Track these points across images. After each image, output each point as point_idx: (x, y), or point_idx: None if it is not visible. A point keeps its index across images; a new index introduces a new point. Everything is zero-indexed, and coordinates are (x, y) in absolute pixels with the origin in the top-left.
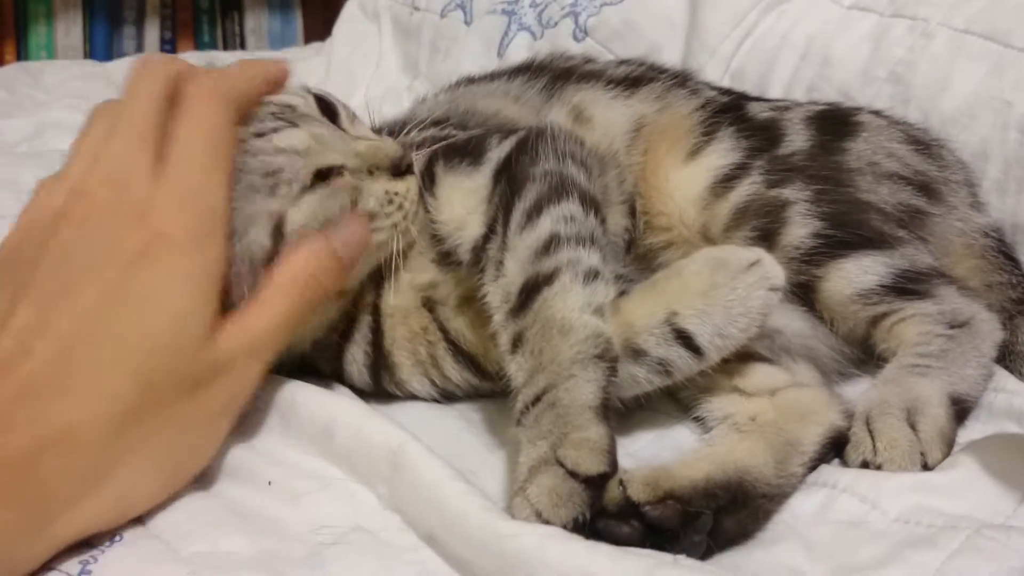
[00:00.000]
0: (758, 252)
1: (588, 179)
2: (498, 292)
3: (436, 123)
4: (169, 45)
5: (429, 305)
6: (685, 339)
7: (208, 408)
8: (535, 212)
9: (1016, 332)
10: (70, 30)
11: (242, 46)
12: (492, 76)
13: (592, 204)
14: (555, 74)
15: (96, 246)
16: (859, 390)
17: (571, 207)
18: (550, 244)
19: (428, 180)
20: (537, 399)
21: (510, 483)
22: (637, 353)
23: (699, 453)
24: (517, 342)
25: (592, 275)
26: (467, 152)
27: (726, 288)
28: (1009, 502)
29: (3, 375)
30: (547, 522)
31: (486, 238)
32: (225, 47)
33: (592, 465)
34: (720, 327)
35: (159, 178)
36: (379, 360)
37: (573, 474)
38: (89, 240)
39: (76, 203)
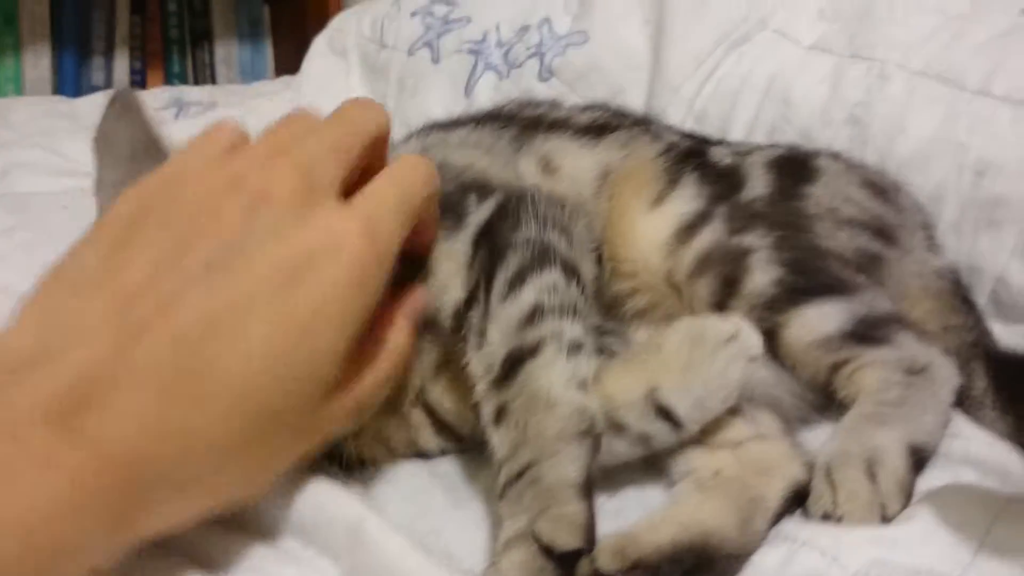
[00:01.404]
0: (736, 324)
1: (568, 245)
2: (481, 362)
3: None
4: (139, 75)
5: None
6: (666, 413)
7: (292, 452)
8: (518, 281)
9: (972, 376)
10: (38, 62)
11: (212, 76)
12: (460, 123)
13: (573, 272)
14: (523, 124)
15: (270, 230)
16: (821, 436)
17: (554, 276)
18: (533, 315)
19: None
20: (520, 474)
21: (478, 541)
22: (618, 427)
23: (664, 515)
24: (500, 414)
25: (576, 347)
26: (444, 214)
27: (705, 363)
28: (965, 553)
29: (128, 348)
30: None
31: (468, 304)
32: (195, 77)
33: (566, 540)
34: (700, 400)
35: (346, 205)
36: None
37: (547, 550)
38: (265, 222)
39: (259, 181)
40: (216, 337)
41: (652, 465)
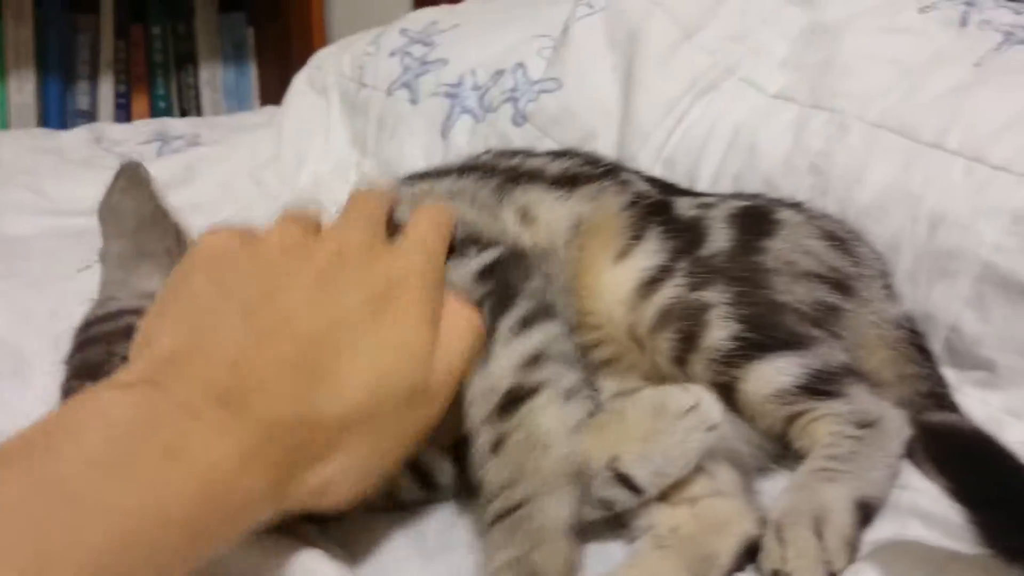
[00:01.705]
0: (696, 395)
1: (561, 307)
2: (482, 387)
3: None
4: (124, 99)
5: None
6: (626, 481)
7: (411, 428)
8: (528, 324)
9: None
10: (23, 87)
11: (197, 99)
12: (441, 173)
13: (568, 329)
14: (504, 175)
15: (350, 279)
16: (779, 484)
17: (557, 328)
18: (538, 358)
19: None
20: (513, 509)
21: None
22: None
23: (622, 574)
24: (498, 445)
25: (572, 394)
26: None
27: (665, 434)
28: None
29: (266, 345)
30: None
31: None
32: (180, 101)
33: None
34: (659, 468)
35: (401, 244)
36: None
37: None
38: (344, 273)
39: (326, 247)
40: (335, 335)
41: (614, 520)
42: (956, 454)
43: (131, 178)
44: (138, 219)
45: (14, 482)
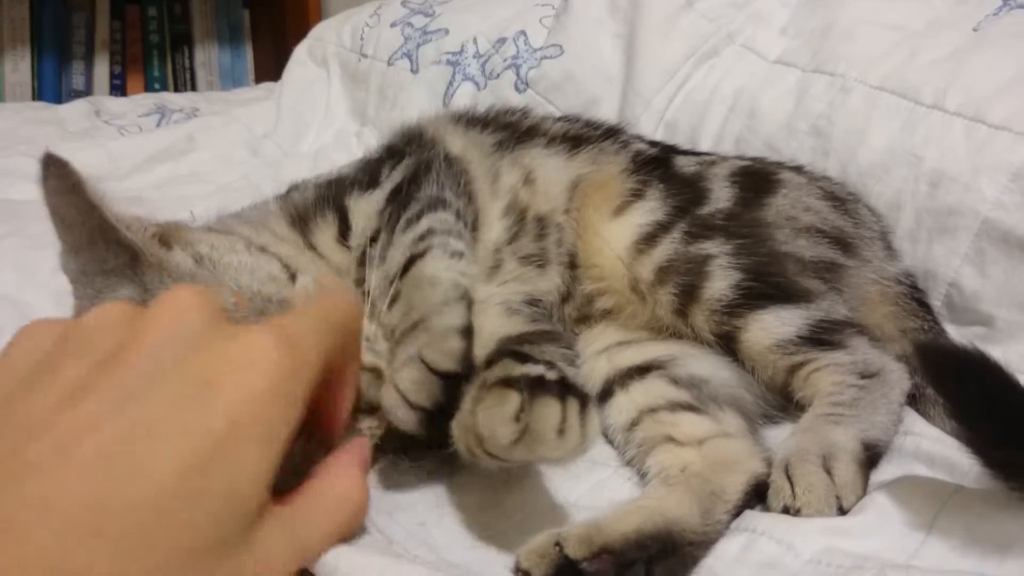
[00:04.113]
0: None
1: (465, 205)
2: (380, 276)
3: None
4: (119, 80)
5: None
6: None
7: None
8: (416, 217)
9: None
10: (18, 65)
11: (192, 80)
12: (445, 118)
13: (463, 220)
14: (507, 131)
15: (186, 345)
16: (782, 434)
17: (447, 216)
18: (426, 234)
19: (341, 213)
20: (411, 328)
21: (457, 533)
22: None
23: (630, 506)
24: (394, 300)
25: (458, 255)
26: (367, 179)
27: None
28: (912, 542)
29: (26, 478)
30: (411, 404)
31: (372, 241)
32: (175, 82)
33: (448, 365)
34: None
35: (262, 325)
36: None
37: (433, 370)
38: (179, 343)
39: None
40: (120, 464)
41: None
42: (952, 372)
43: (62, 177)
44: (89, 233)
45: None
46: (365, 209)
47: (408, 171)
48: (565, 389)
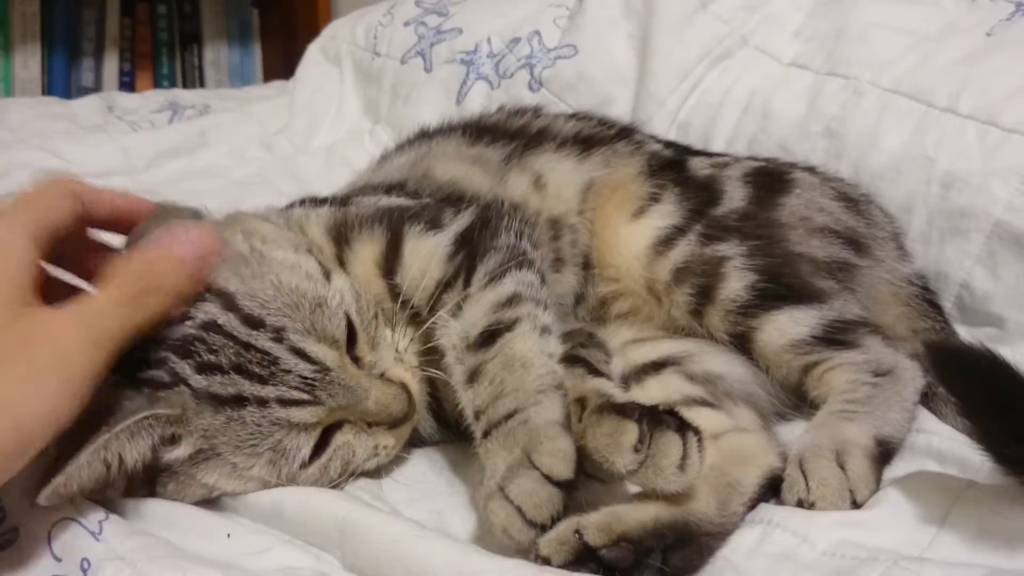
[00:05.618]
0: None
1: (539, 257)
2: (455, 331)
3: (390, 189)
4: (128, 77)
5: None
6: None
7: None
8: (499, 275)
9: None
10: (28, 62)
11: (201, 78)
12: (451, 131)
13: (543, 278)
14: (515, 140)
15: None
16: (796, 431)
17: (532, 277)
18: (512, 299)
19: (394, 240)
20: (503, 420)
21: (470, 518)
22: None
23: (649, 496)
24: (475, 374)
25: (547, 330)
26: (428, 217)
27: None
28: (924, 535)
29: None
30: (530, 521)
31: (444, 287)
32: (184, 80)
33: (563, 470)
34: None
35: None
36: None
37: (548, 478)
38: None
39: None
40: None
41: None
42: (962, 370)
43: None
44: None
45: None
46: (425, 250)
47: (476, 216)
48: (681, 423)
